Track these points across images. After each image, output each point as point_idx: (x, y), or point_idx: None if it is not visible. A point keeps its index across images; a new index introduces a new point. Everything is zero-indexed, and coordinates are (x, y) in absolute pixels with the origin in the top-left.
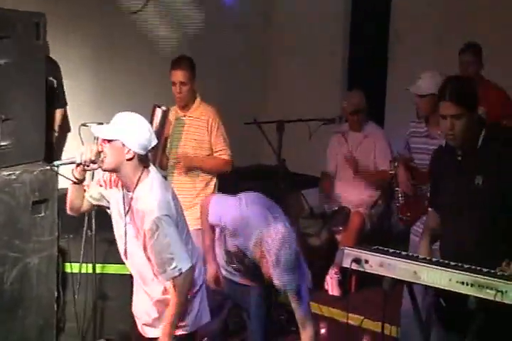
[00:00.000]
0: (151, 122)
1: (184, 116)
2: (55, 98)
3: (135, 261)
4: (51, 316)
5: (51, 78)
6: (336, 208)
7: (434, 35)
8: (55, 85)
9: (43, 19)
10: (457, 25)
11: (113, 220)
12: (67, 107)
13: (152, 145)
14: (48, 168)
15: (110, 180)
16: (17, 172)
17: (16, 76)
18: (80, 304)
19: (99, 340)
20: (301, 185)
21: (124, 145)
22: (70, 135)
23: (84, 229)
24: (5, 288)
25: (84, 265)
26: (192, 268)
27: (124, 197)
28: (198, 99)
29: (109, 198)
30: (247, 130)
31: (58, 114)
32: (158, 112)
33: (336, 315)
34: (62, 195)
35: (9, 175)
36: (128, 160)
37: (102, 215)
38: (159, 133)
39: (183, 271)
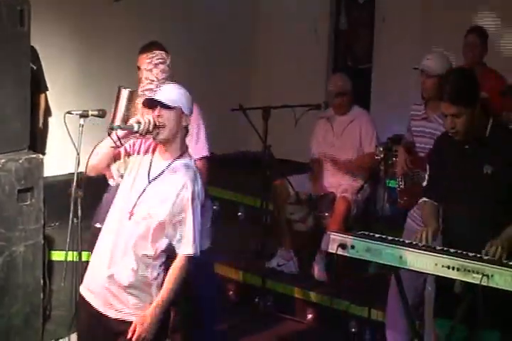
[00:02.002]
0: (116, 104)
1: None
2: (36, 83)
3: (138, 224)
4: (37, 304)
5: (30, 64)
6: (322, 194)
7: (420, 20)
8: (35, 70)
9: (27, 6)
10: (443, 9)
11: (123, 178)
12: (51, 94)
13: None
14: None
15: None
16: (2, 161)
17: None
18: (66, 292)
19: None
20: (286, 171)
21: (183, 112)
22: (52, 121)
23: (70, 216)
24: None
25: (70, 253)
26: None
27: (151, 162)
28: None
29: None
30: (233, 116)
31: (42, 99)
32: (124, 93)
33: (323, 300)
34: (48, 183)
35: None
36: (184, 127)
37: (87, 203)
38: (124, 115)
39: (192, 253)
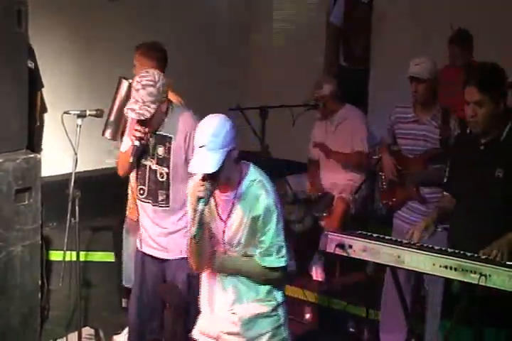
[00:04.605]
0: (115, 94)
1: None
2: (33, 82)
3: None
4: (35, 304)
5: (29, 61)
6: (320, 194)
7: (419, 18)
8: (32, 69)
9: (24, 7)
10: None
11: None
12: (49, 93)
13: None
14: (32, 155)
15: None
16: None
17: None
18: (64, 292)
19: (83, 328)
20: (284, 171)
21: (232, 149)
22: (50, 121)
23: (68, 216)
24: None
25: (68, 253)
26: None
27: (217, 198)
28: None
29: None
30: (230, 116)
31: (37, 97)
32: (124, 85)
33: (320, 300)
34: (46, 183)
35: None
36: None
37: (85, 203)
38: (122, 106)
39: (285, 264)
